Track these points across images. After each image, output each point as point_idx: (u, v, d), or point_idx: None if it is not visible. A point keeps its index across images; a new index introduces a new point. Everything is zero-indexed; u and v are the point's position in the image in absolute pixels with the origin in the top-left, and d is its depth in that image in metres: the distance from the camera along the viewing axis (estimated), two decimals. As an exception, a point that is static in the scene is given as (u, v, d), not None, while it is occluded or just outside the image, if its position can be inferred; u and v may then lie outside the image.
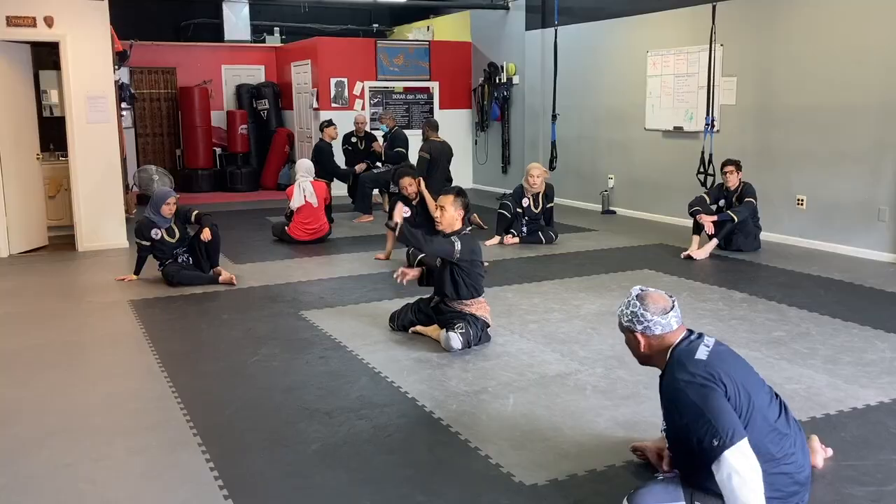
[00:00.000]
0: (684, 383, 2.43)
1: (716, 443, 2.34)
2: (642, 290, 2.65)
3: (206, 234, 6.09)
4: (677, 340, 2.57)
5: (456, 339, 4.35)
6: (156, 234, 6.09)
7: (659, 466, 2.90)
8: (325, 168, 9.51)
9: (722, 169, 7.19)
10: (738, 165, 7.08)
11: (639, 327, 2.59)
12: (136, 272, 6.30)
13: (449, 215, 4.56)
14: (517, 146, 11.64)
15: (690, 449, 2.42)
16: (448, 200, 4.58)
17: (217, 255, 6.33)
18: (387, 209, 7.57)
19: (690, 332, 2.63)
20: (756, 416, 2.46)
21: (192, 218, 6.19)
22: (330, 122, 9.89)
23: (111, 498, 2.86)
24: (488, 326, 4.60)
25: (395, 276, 4.83)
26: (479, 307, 4.57)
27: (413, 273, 4.81)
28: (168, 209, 6.08)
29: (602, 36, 9.80)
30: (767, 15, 7.69)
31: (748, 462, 2.32)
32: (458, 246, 4.43)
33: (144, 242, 6.12)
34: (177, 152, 13.08)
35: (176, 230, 6.18)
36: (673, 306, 2.60)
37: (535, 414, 3.54)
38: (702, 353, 2.50)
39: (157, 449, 3.26)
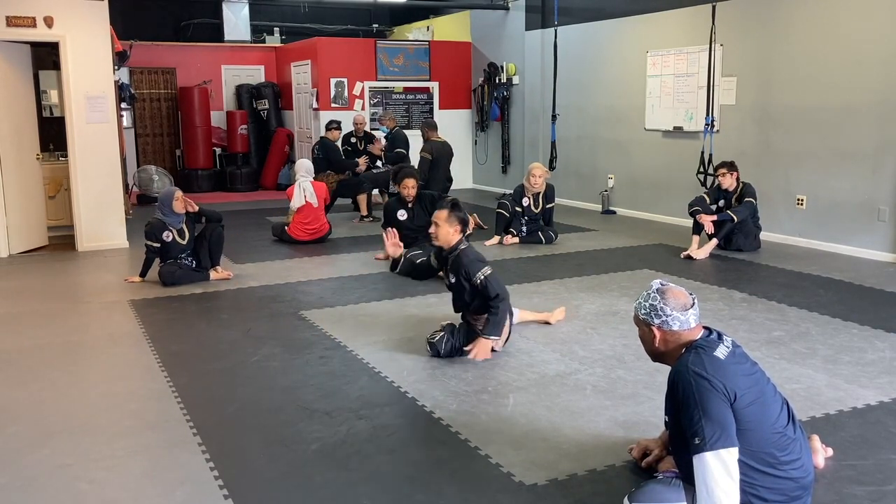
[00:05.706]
0: (694, 374, 2.41)
1: (697, 441, 2.34)
2: (663, 284, 2.61)
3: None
4: (694, 339, 2.55)
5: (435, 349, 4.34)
6: (167, 236, 6.07)
7: (639, 463, 2.94)
8: (330, 162, 9.50)
9: (715, 172, 7.22)
10: (730, 167, 7.08)
11: (656, 321, 2.56)
12: (143, 275, 6.23)
13: (444, 232, 4.30)
14: (517, 146, 11.64)
15: (686, 442, 2.43)
16: (442, 217, 4.29)
17: (219, 254, 6.36)
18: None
19: (709, 330, 2.61)
20: (764, 421, 2.45)
21: (198, 213, 6.21)
22: (338, 125, 9.87)
23: (111, 498, 2.86)
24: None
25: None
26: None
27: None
28: (178, 204, 6.06)
29: (602, 36, 9.80)
30: (767, 15, 7.69)
31: (726, 469, 2.31)
32: (507, 294, 4.32)
33: (154, 244, 6.07)
34: (177, 152, 13.08)
35: (186, 231, 6.17)
36: (693, 304, 2.57)
37: (535, 414, 3.54)
38: (721, 353, 2.49)
39: (157, 449, 3.26)
